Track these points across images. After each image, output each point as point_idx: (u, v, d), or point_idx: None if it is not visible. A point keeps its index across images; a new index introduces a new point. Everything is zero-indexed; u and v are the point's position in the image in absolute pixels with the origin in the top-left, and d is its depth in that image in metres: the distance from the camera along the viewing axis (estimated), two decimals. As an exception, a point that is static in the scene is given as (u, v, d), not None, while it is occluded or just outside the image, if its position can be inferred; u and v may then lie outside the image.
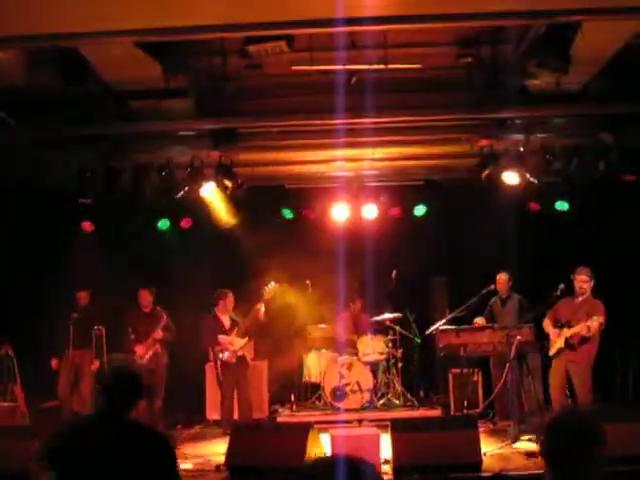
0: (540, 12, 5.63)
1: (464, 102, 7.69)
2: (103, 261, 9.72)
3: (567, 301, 8.22)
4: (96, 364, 8.94)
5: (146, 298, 9.35)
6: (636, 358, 9.63)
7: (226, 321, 9.34)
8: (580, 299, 8.12)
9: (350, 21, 5.57)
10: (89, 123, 7.60)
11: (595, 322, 7.75)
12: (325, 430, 7.36)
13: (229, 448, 6.64)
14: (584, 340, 7.93)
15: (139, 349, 9.06)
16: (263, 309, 9.15)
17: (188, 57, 6.63)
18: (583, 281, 8.09)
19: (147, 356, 9.07)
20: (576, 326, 7.92)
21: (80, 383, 9.20)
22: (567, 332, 8.02)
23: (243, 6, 5.21)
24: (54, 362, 9.18)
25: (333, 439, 6.64)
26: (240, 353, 9.18)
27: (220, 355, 9.15)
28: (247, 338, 9.24)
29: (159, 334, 9.16)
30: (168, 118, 7.49)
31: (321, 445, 6.85)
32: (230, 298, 9.32)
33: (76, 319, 9.03)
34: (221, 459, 6.95)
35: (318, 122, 7.82)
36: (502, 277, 9.25)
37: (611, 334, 8.20)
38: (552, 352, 8.24)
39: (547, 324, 8.30)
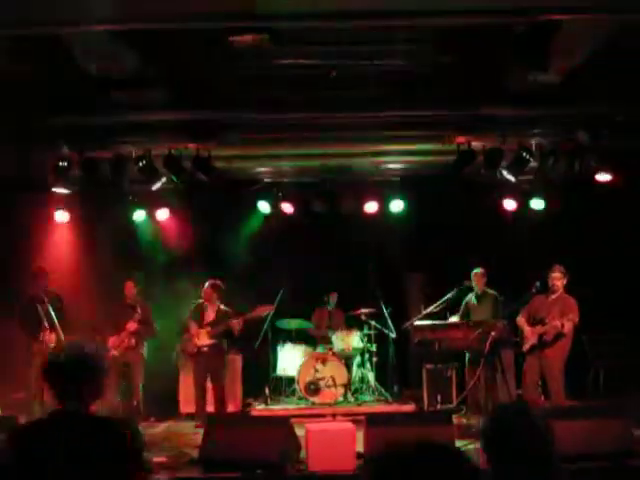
0: (520, 10, 5.68)
1: (442, 99, 7.71)
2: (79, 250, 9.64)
3: (541, 298, 8.33)
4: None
5: (130, 290, 9.28)
6: (607, 355, 9.75)
7: (210, 312, 9.24)
8: (553, 296, 8.25)
9: (330, 15, 5.60)
10: (68, 112, 7.51)
11: (569, 320, 7.87)
12: (299, 424, 7.37)
13: (203, 441, 6.63)
14: (557, 337, 8.05)
15: (112, 340, 9.00)
16: (240, 326, 9.06)
17: (167, 47, 6.56)
18: (556, 278, 8.21)
19: (120, 348, 8.99)
20: (549, 323, 8.04)
21: None
22: (541, 329, 8.14)
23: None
24: None
25: (308, 433, 6.65)
26: (204, 349, 9.11)
27: (184, 344, 9.19)
28: (215, 341, 9.12)
29: (133, 326, 9.07)
30: (147, 109, 7.42)
31: (297, 438, 6.86)
32: (210, 290, 9.20)
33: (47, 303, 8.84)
34: (194, 452, 6.95)
35: (298, 116, 7.82)
36: (478, 273, 9.31)
37: (583, 331, 8.31)
38: (525, 348, 8.35)
39: (521, 321, 8.40)
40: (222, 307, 9.24)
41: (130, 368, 9.07)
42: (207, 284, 9.22)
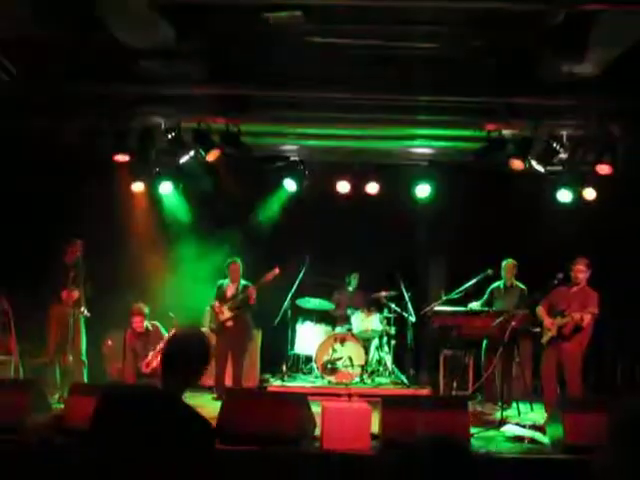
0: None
1: (474, 85, 7.66)
2: (105, 222, 9.69)
3: (562, 290, 8.27)
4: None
5: (140, 324, 9.17)
6: (627, 349, 9.70)
7: (230, 290, 9.46)
8: (575, 289, 8.19)
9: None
10: (96, 81, 7.55)
11: (589, 313, 7.83)
12: (315, 402, 7.42)
13: (220, 414, 6.68)
14: (576, 330, 8.00)
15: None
16: (254, 292, 9.28)
17: (202, 21, 6.57)
18: (580, 271, 8.14)
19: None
20: (569, 315, 8.00)
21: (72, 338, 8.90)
22: (560, 321, 8.10)
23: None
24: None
25: (325, 411, 6.69)
26: (228, 324, 9.25)
27: (209, 320, 9.33)
28: (235, 312, 9.29)
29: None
30: (178, 81, 7.44)
31: (313, 416, 6.91)
32: (234, 268, 9.43)
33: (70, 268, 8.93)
34: (212, 424, 7.01)
35: (328, 95, 7.82)
36: (509, 264, 9.23)
37: (603, 325, 8.26)
38: (544, 340, 8.32)
39: (541, 311, 8.36)
40: (243, 282, 9.45)
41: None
42: (230, 263, 9.41)
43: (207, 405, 8.64)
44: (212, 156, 8.73)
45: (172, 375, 3.17)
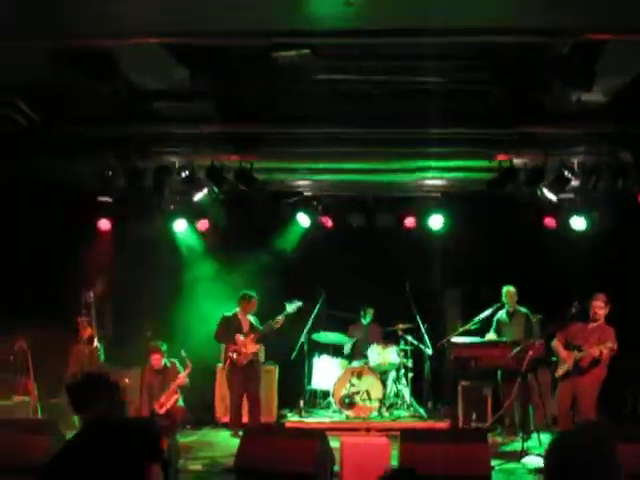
0: (564, 30, 5.70)
1: (484, 116, 7.71)
2: (118, 260, 9.78)
3: (580, 325, 8.20)
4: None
5: (158, 361, 9.11)
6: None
7: (245, 323, 9.43)
8: (593, 325, 8.10)
9: (367, 32, 5.68)
10: (112, 123, 7.68)
11: (607, 346, 7.75)
12: (334, 437, 7.38)
13: (239, 450, 6.65)
14: (593, 364, 7.93)
15: (158, 402, 8.94)
16: (280, 323, 9.31)
17: (213, 61, 6.68)
18: (599, 307, 8.07)
19: (164, 407, 8.89)
20: (587, 350, 7.91)
21: None
22: (577, 355, 8.01)
23: (269, 14, 5.29)
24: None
25: (343, 446, 6.66)
26: (251, 357, 9.26)
27: (231, 355, 9.22)
28: (259, 345, 9.34)
29: (182, 381, 9.01)
30: (191, 121, 7.55)
31: (332, 451, 6.87)
32: (253, 302, 9.46)
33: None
34: (229, 461, 6.99)
35: (339, 131, 7.90)
36: (509, 291, 9.26)
37: (623, 356, 8.18)
38: (559, 374, 8.26)
39: (557, 345, 8.29)
40: (251, 317, 9.48)
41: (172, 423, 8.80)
42: (252, 297, 9.40)
43: (225, 442, 8.64)
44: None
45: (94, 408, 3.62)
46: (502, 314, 9.34)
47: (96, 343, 9.04)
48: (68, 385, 3.81)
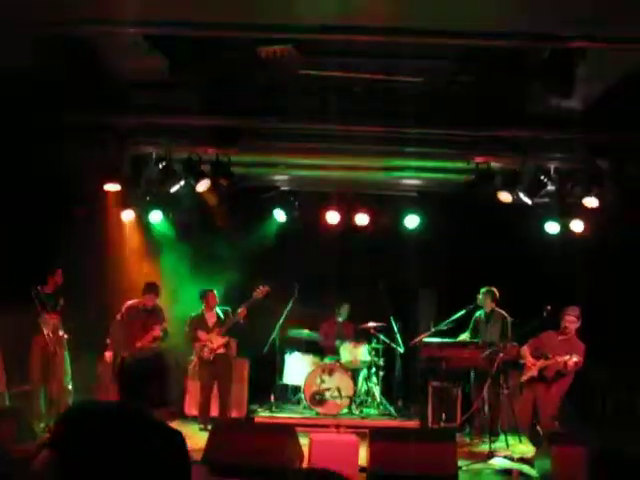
0: (542, 35, 5.75)
1: (463, 118, 7.75)
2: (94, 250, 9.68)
3: (550, 335, 8.33)
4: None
5: (152, 301, 9.17)
6: (616, 386, 9.71)
7: (211, 318, 9.40)
8: (563, 337, 8.23)
9: (350, 29, 5.69)
10: (90, 112, 7.60)
11: (573, 359, 7.86)
12: (303, 433, 7.39)
13: (207, 445, 6.65)
14: (558, 375, 8.05)
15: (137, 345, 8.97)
16: (246, 311, 9.25)
17: (196, 53, 6.65)
18: (571, 322, 8.19)
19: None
20: (553, 358, 8.03)
21: (54, 366, 8.84)
22: (543, 363, 8.15)
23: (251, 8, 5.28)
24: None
25: (312, 443, 6.67)
26: (220, 351, 9.22)
27: (199, 351, 9.22)
28: (227, 337, 9.28)
29: (157, 331, 9.03)
30: (170, 112, 7.51)
31: (300, 448, 6.87)
32: (212, 296, 9.41)
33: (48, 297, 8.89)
34: (198, 455, 6.96)
35: (318, 127, 7.90)
36: (485, 292, 9.30)
37: (594, 362, 8.28)
38: (524, 379, 8.39)
39: (525, 350, 8.44)
40: (218, 310, 9.43)
41: None
42: (208, 292, 9.39)
43: (193, 435, 8.58)
44: (202, 187, 8.76)
45: (134, 398, 3.21)
46: (480, 313, 9.37)
47: (62, 332, 8.92)
48: (122, 367, 3.40)
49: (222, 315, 9.40)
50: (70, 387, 8.97)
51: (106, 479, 2.94)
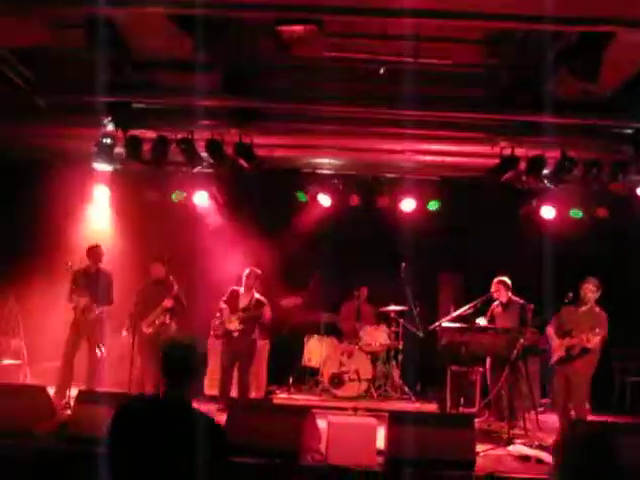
0: (572, 19, 5.65)
1: (488, 101, 7.67)
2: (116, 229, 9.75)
3: (571, 309, 8.20)
4: None
5: (159, 270, 9.13)
6: (635, 371, 9.65)
7: (245, 299, 9.21)
8: (584, 308, 8.12)
9: (380, 11, 5.63)
10: (112, 90, 7.59)
11: (597, 335, 7.78)
12: (321, 415, 7.41)
13: (225, 425, 6.66)
14: (584, 351, 7.95)
15: (146, 320, 9.00)
16: (269, 314, 9.13)
17: (218, 33, 6.61)
18: (590, 291, 8.07)
19: (154, 325, 8.98)
20: (577, 336, 7.94)
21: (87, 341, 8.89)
22: (568, 342, 8.04)
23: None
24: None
25: (330, 425, 6.67)
26: (233, 334, 9.13)
27: (215, 323, 9.23)
28: (242, 325, 9.12)
29: (169, 303, 8.98)
30: (193, 92, 7.48)
31: (318, 430, 6.89)
32: (254, 274, 9.19)
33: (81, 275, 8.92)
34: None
35: (342, 109, 7.85)
36: (496, 281, 9.08)
37: (611, 346, 8.20)
38: (553, 360, 8.26)
39: (549, 331, 8.32)
40: (257, 296, 9.20)
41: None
42: (249, 271, 9.17)
43: (212, 416, 8.63)
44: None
45: (178, 384, 3.28)
46: (497, 303, 9.26)
47: (92, 312, 8.91)
48: (166, 358, 3.35)
49: (256, 303, 9.20)
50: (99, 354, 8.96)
51: (154, 469, 3.07)
